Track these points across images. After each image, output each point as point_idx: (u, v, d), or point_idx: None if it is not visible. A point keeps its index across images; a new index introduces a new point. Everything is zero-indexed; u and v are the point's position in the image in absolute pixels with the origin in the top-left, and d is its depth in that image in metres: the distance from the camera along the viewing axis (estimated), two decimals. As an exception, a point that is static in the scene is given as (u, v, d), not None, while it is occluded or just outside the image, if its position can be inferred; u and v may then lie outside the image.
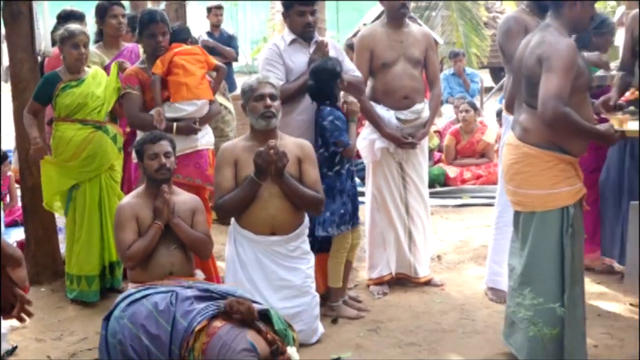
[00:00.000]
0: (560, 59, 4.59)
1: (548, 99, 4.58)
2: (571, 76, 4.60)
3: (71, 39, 6.14)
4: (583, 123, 4.65)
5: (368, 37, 6.51)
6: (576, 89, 4.66)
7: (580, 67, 4.66)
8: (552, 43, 4.65)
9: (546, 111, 4.59)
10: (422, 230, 6.64)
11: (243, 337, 3.92)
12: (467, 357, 5.24)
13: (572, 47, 4.64)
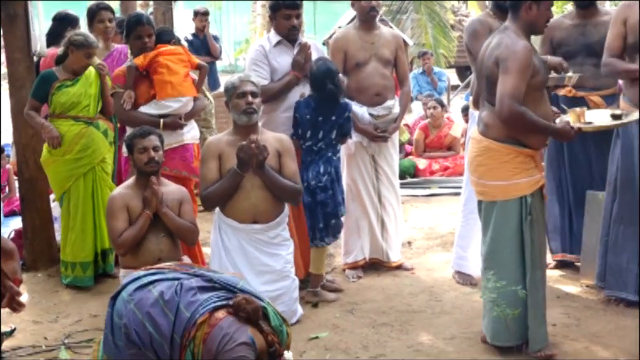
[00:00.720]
0: (516, 60, 4.62)
1: (504, 98, 4.61)
2: (526, 76, 4.63)
3: (87, 48, 6.15)
4: (539, 121, 4.68)
5: (342, 39, 6.53)
6: (532, 87, 4.69)
7: (535, 66, 4.69)
8: (508, 45, 4.68)
9: (502, 110, 4.63)
10: (393, 218, 6.66)
11: (244, 330, 3.91)
12: (436, 335, 5.26)
13: (527, 49, 4.66)
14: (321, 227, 5.85)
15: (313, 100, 5.83)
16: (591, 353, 4.93)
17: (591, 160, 6.21)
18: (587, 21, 6.16)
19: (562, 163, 6.33)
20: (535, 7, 4.73)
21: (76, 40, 6.15)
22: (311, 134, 5.81)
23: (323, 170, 5.79)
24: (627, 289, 5.59)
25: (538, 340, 4.84)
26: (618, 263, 5.62)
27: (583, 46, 6.10)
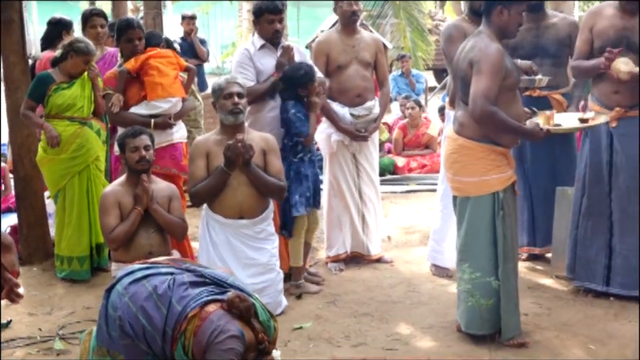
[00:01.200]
0: (489, 62, 4.65)
1: (477, 98, 4.64)
2: (498, 77, 4.65)
3: (87, 55, 6.17)
4: (510, 121, 4.71)
5: (324, 42, 6.54)
6: (505, 88, 4.72)
7: (508, 68, 4.72)
8: (482, 48, 4.71)
9: (475, 109, 4.66)
10: (373, 213, 6.67)
11: (234, 324, 3.90)
12: (414, 325, 5.28)
13: (500, 52, 4.69)
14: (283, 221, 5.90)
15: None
16: (561, 341, 4.96)
17: (554, 158, 6.24)
18: (538, 24, 6.21)
19: (525, 161, 6.36)
20: (506, 12, 4.76)
21: (78, 47, 6.15)
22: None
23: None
24: (595, 280, 5.63)
25: (510, 329, 4.87)
26: (587, 255, 5.66)
27: (538, 49, 6.15)
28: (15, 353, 4.94)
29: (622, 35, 5.42)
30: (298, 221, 5.88)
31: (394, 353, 4.70)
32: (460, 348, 4.88)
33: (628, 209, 5.47)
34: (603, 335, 5.03)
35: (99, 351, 4.17)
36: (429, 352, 4.78)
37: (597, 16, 5.61)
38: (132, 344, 4.08)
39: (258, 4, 6.20)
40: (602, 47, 5.47)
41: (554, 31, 6.14)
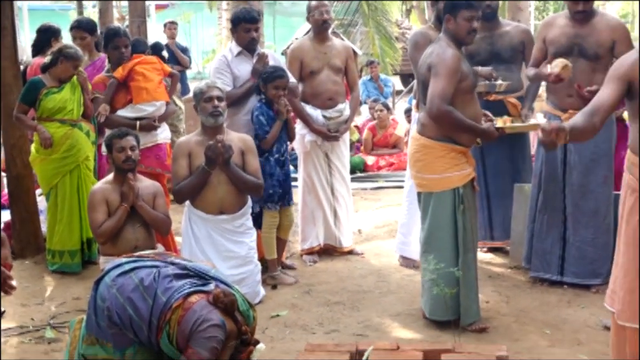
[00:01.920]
0: (445, 66, 4.68)
1: (433, 98, 4.67)
2: (454, 80, 4.68)
3: (76, 61, 6.13)
4: (465, 120, 4.74)
5: (298, 49, 6.54)
6: (461, 91, 4.75)
7: (463, 72, 4.75)
8: (439, 53, 4.75)
9: (432, 109, 4.69)
10: (345, 208, 6.68)
11: (215, 313, 3.90)
12: (383, 313, 5.29)
13: (455, 56, 4.72)
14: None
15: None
16: (519, 326, 4.99)
17: (510, 158, 6.28)
18: (492, 32, 6.23)
19: (481, 160, 6.38)
20: (452, 20, 4.79)
21: (67, 52, 6.12)
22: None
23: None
24: (551, 270, 5.68)
25: (471, 315, 4.89)
26: (543, 247, 5.70)
27: (493, 55, 6.18)
28: (8, 342, 4.90)
29: (574, 43, 5.47)
30: (267, 216, 5.89)
31: (365, 339, 4.70)
32: (426, 334, 4.89)
33: (581, 204, 5.52)
34: (557, 320, 5.07)
35: (88, 339, 4.15)
36: (398, 338, 4.79)
37: (550, 26, 5.67)
38: (120, 333, 4.06)
39: (236, 13, 6.24)
40: (555, 54, 5.52)
41: (508, 38, 6.18)
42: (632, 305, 3.72)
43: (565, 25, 5.56)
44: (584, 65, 5.40)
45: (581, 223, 5.51)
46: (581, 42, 5.44)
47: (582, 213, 5.50)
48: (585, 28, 5.45)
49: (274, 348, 4.59)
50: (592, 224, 5.53)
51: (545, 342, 4.73)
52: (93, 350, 4.12)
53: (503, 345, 4.50)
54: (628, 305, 3.74)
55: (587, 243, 5.53)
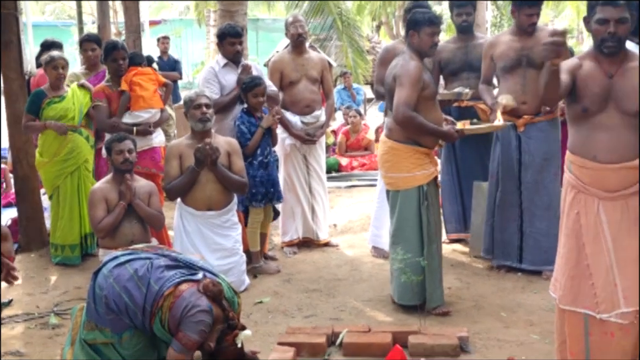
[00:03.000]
0: (408, 76, 4.70)
1: (399, 105, 4.69)
2: (417, 88, 4.71)
3: (52, 62, 6.10)
4: (427, 124, 4.77)
5: (278, 61, 6.53)
6: (424, 98, 4.78)
7: (425, 82, 4.77)
8: (403, 65, 4.77)
9: (397, 114, 4.71)
10: (321, 205, 6.68)
11: (203, 300, 3.90)
12: (356, 298, 5.29)
13: (418, 68, 4.75)
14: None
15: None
16: (478, 309, 5.02)
17: (479, 158, 6.30)
18: (467, 43, 6.27)
19: (454, 162, 6.42)
20: (416, 35, 4.81)
21: (44, 59, 6.20)
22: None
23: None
24: (510, 259, 5.71)
25: (435, 300, 4.91)
26: (502, 239, 5.73)
27: (466, 64, 6.21)
28: (16, 328, 4.86)
29: (522, 55, 5.50)
30: (252, 213, 5.88)
31: (340, 323, 4.71)
32: (395, 317, 4.90)
33: (535, 199, 5.55)
34: (512, 304, 5.10)
35: (88, 325, 4.13)
36: (369, 321, 4.80)
37: (495, 45, 5.70)
38: (116, 319, 4.05)
39: (222, 29, 6.25)
40: (504, 67, 5.58)
41: (480, 49, 6.13)
42: (572, 291, 3.76)
43: (510, 41, 5.59)
44: (533, 73, 5.43)
45: (536, 216, 5.54)
46: (528, 53, 5.48)
47: (537, 207, 5.53)
48: (529, 41, 5.49)
49: (258, 331, 4.57)
50: (546, 217, 5.57)
51: (501, 324, 4.75)
52: (93, 335, 4.10)
53: (464, 327, 4.54)
54: (568, 290, 3.77)
55: (542, 234, 5.56)
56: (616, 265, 3.65)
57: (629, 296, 3.64)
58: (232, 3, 8.36)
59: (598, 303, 3.69)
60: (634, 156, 3.64)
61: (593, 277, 3.70)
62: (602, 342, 3.74)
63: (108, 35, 11.74)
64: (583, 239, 3.72)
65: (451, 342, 4.26)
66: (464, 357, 4.21)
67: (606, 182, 3.65)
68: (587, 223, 3.71)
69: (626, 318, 3.65)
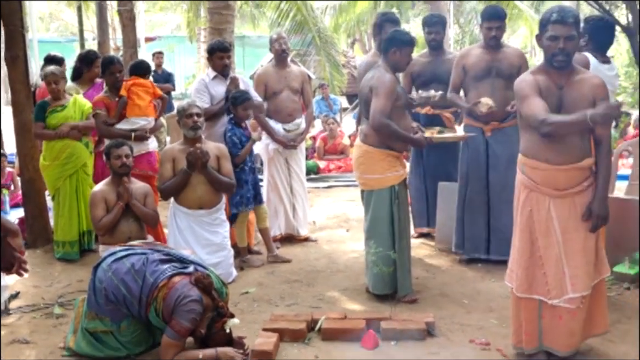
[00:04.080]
0: (384, 87, 4.71)
1: (375, 114, 4.71)
2: (391, 99, 4.72)
3: (46, 77, 6.14)
4: (400, 131, 4.78)
5: (263, 74, 6.53)
6: (397, 107, 4.79)
7: (398, 93, 4.78)
8: (379, 77, 4.78)
9: (374, 122, 4.72)
10: (302, 204, 6.66)
11: (194, 290, 3.90)
12: (333, 288, 5.29)
13: (392, 80, 4.77)
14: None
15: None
16: (442, 297, 5.03)
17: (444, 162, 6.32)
18: (436, 58, 6.31)
19: (422, 165, 6.43)
20: (398, 52, 4.82)
21: (41, 75, 6.30)
22: None
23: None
24: (479, 251, 5.74)
25: (404, 289, 4.91)
26: (472, 233, 5.75)
27: (435, 77, 6.24)
28: (23, 317, 4.81)
29: (491, 66, 5.55)
30: (240, 214, 5.85)
31: (319, 310, 4.70)
32: (368, 305, 4.90)
33: (501, 196, 5.55)
34: (473, 292, 5.12)
35: (89, 315, 4.11)
36: (345, 308, 4.80)
37: (467, 56, 5.73)
38: (115, 309, 4.04)
39: (211, 44, 6.25)
40: (475, 76, 5.61)
41: (448, 64, 6.16)
42: (527, 280, 3.80)
43: (481, 53, 5.63)
44: (501, 83, 5.48)
45: (502, 211, 5.54)
46: (498, 65, 5.53)
47: (502, 204, 5.53)
48: (498, 54, 5.54)
49: (245, 318, 4.55)
50: (511, 212, 5.59)
51: (464, 310, 4.77)
52: (94, 324, 4.10)
53: (430, 313, 4.56)
54: (523, 280, 3.81)
55: (507, 228, 5.59)
56: (564, 256, 3.70)
57: (576, 283, 3.69)
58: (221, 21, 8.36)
59: (549, 291, 3.74)
60: (582, 158, 3.70)
61: (545, 267, 3.75)
62: (552, 325, 3.79)
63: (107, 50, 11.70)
64: (536, 234, 3.77)
65: (419, 326, 4.28)
66: (430, 340, 4.22)
67: (556, 182, 3.70)
68: (539, 218, 3.75)
69: (573, 303, 3.71)
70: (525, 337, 3.87)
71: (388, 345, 4.17)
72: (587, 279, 3.70)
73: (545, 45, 3.71)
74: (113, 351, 4.06)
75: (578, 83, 3.69)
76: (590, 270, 3.72)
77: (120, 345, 4.07)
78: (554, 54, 3.66)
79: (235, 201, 5.76)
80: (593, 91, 3.66)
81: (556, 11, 3.68)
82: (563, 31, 3.63)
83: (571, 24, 3.63)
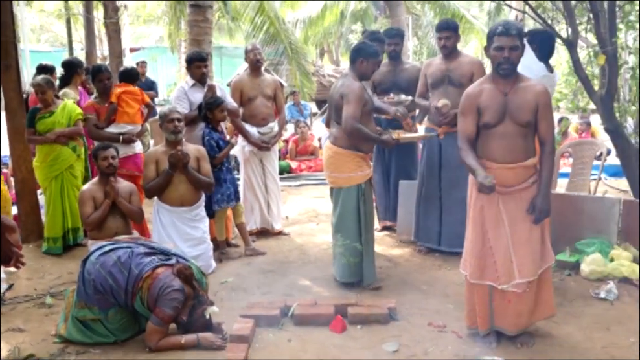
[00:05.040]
0: (354, 95, 4.72)
1: (347, 119, 4.70)
2: (360, 105, 4.72)
3: (34, 87, 6.09)
4: (370, 133, 4.79)
5: (239, 82, 6.50)
6: (365, 112, 4.80)
7: (366, 99, 4.79)
8: (349, 85, 4.78)
9: (347, 126, 4.72)
10: (275, 201, 6.65)
11: (176, 281, 3.89)
12: (304, 277, 5.29)
13: (361, 88, 4.78)
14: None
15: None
16: (403, 284, 5.07)
17: (404, 162, 6.37)
18: (395, 67, 6.34)
19: (386, 164, 6.46)
20: (365, 62, 4.83)
21: (33, 83, 6.24)
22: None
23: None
24: (432, 241, 5.79)
25: (369, 277, 4.94)
26: (426, 225, 5.80)
27: (394, 85, 6.27)
28: (17, 307, 4.74)
29: (445, 75, 5.59)
30: (221, 209, 5.83)
31: (291, 298, 4.70)
32: (337, 292, 4.91)
33: (452, 193, 5.61)
34: (431, 279, 5.17)
35: (79, 304, 4.07)
36: (315, 295, 4.81)
37: (429, 66, 5.79)
38: (103, 299, 4.00)
39: (190, 54, 6.26)
40: (432, 83, 5.68)
41: (407, 74, 6.24)
42: (479, 268, 3.85)
43: (439, 63, 5.68)
44: (453, 90, 5.52)
45: (452, 207, 5.61)
46: (450, 74, 5.57)
47: (453, 200, 5.59)
48: (453, 64, 5.58)
49: (224, 306, 4.54)
50: (460, 208, 5.63)
51: (422, 295, 4.81)
52: (83, 312, 4.06)
53: (392, 299, 4.58)
54: (476, 268, 3.86)
55: (457, 222, 5.64)
56: (512, 246, 3.76)
57: (523, 270, 3.75)
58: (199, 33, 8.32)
59: (499, 277, 3.80)
60: (526, 157, 3.76)
61: (495, 256, 3.80)
62: (502, 307, 3.85)
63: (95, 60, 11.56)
64: (487, 226, 3.82)
65: (382, 311, 4.30)
66: (392, 324, 4.26)
67: (504, 179, 3.75)
68: (489, 213, 3.80)
69: (520, 288, 3.77)
70: (479, 319, 3.92)
71: (354, 328, 4.19)
72: (532, 266, 3.76)
73: (492, 54, 3.76)
74: (101, 337, 4.02)
75: (522, 90, 3.74)
76: (536, 259, 3.78)
77: (108, 332, 4.04)
78: (500, 63, 3.72)
79: (217, 199, 5.74)
80: (536, 97, 3.72)
81: (502, 24, 3.74)
82: (508, 42, 3.68)
83: (515, 36, 3.69)
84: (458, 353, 3.83)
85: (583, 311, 4.43)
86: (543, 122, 3.73)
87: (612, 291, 4.68)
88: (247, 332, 3.97)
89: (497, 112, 3.72)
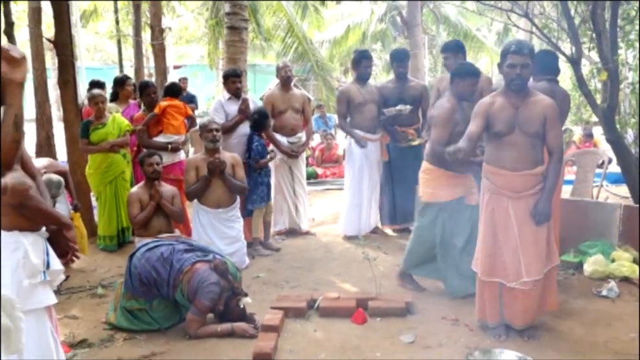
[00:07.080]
0: (439, 118, 4.38)
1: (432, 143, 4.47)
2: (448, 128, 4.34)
3: (92, 99, 6.12)
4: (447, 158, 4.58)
5: (270, 96, 6.50)
6: (455, 134, 4.37)
7: (456, 121, 4.34)
8: (438, 106, 4.45)
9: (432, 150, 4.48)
10: (303, 203, 6.64)
11: (213, 275, 3.91)
12: (329, 274, 5.28)
13: (449, 110, 4.34)
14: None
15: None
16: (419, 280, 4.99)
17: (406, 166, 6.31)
18: (402, 84, 6.27)
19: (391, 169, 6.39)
20: (461, 83, 4.34)
21: (87, 96, 6.30)
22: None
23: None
24: None
25: None
26: None
27: (401, 100, 6.19)
28: (72, 297, 4.80)
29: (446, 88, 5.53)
30: (256, 209, 5.84)
31: (317, 291, 4.69)
32: (358, 287, 4.89)
33: None
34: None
35: (126, 295, 4.11)
36: (339, 290, 4.79)
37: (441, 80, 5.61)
38: (147, 290, 4.03)
39: (226, 71, 6.35)
40: None
41: (412, 90, 6.22)
42: (489, 266, 3.80)
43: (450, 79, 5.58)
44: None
45: None
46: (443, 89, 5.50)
47: None
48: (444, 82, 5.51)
49: (255, 298, 4.54)
50: None
51: (437, 291, 4.75)
52: (130, 303, 4.09)
53: (410, 294, 4.54)
54: (486, 266, 3.81)
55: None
56: (520, 247, 3.70)
57: (530, 269, 3.69)
58: (235, 52, 8.34)
59: (508, 275, 3.74)
60: (535, 166, 3.70)
61: (504, 256, 3.75)
62: (510, 302, 3.80)
63: (142, 76, 11.68)
64: (497, 228, 3.76)
65: (400, 305, 4.27)
66: (409, 317, 4.22)
67: (514, 186, 3.70)
68: (500, 216, 3.75)
69: (527, 285, 3.71)
70: (489, 313, 3.87)
71: (374, 321, 4.17)
72: (539, 266, 3.70)
73: (505, 71, 3.71)
74: (146, 325, 4.06)
75: (532, 104, 3.69)
76: (542, 259, 3.72)
77: (153, 320, 4.06)
78: (512, 79, 3.67)
79: (252, 199, 5.77)
80: (544, 110, 3.67)
81: (514, 43, 3.69)
82: (520, 60, 3.63)
83: (526, 55, 3.64)
84: (470, 344, 3.78)
85: (586, 308, 4.34)
86: (551, 132, 3.67)
87: (613, 289, 4.59)
88: (276, 322, 3.96)
89: (507, 123, 3.68)
